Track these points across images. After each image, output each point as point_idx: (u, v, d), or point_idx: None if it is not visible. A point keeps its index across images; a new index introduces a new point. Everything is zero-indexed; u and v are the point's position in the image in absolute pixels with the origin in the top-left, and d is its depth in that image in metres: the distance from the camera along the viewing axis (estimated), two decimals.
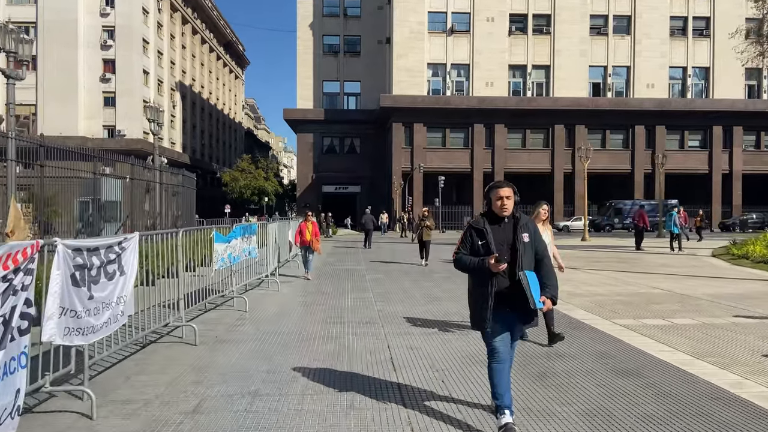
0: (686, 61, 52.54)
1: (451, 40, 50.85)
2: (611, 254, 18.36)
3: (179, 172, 21.58)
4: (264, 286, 10.70)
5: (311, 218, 12.73)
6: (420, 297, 9.60)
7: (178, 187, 21.80)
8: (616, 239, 30.73)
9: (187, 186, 23.24)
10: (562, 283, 10.24)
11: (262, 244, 11.07)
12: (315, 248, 12.51)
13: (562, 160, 50.43)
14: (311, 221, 12.62)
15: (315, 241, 12.46)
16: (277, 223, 12.16)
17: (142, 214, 21.52)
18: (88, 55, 56.80)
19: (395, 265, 15.69)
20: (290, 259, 15.32)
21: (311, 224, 12.53)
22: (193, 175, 23.52)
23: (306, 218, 12.77)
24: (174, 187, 22.18)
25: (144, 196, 21.32)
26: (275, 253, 12.21)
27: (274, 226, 11.09)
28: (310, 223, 12.51)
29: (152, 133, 21.92)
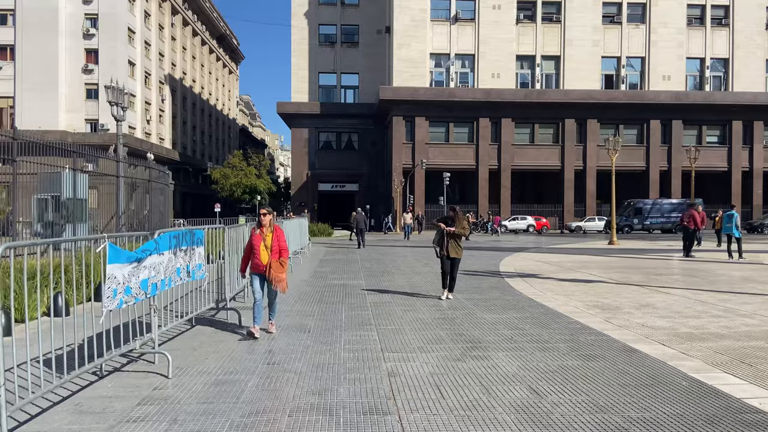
0: (704, 52, 49.59)
1: (455, 28, 47.81)
2: (660, 263, 15.29)
3: (151, 166, 18.45)
4: (220, 318, 7.58)
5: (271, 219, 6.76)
6: (447, 338, 6.50)
7: (149, 182, 18.69)
8: (646, 242, 27.69)
9: (159, 182, 20.13)
10: (645, 313, 7.37)
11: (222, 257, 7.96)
12: (275, 281, 6.56)
13: (572, 156, 47.47)
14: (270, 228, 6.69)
15: (276, 266, 6.57)
16: (244, 226, 9.02)
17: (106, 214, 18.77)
18: (70, 45, 53.56)
19: (401, 281, 12.59)
20: None
21: (272, 233, 6.67)
22: (166, 169, 20.38)
23: (260, 221, 6.70)
24: (144, 182, 19.09)
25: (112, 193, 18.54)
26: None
27: (234, 232, 7.97)
28: (270, 232, 6.66)
29: (114, 119, 18.73)
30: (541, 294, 9.57)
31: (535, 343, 6.01)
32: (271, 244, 6.64)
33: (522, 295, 9.52)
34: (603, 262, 15.38)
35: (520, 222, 43.07)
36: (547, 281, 11.27)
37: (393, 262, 16.50)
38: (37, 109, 52.08)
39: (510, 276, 12.19)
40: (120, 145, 19.05)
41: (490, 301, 8.82)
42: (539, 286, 10.52)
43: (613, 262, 15.46)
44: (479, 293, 9.56)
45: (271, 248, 6.61)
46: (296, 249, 17.55)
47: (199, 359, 5.39)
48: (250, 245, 6.76)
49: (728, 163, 48.43)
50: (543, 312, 7.92)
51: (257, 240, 6.64)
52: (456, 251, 9.09)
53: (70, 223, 17.02)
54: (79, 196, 17.42)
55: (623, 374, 4.90)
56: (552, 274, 12.52)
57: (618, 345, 5.93)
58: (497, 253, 19.55)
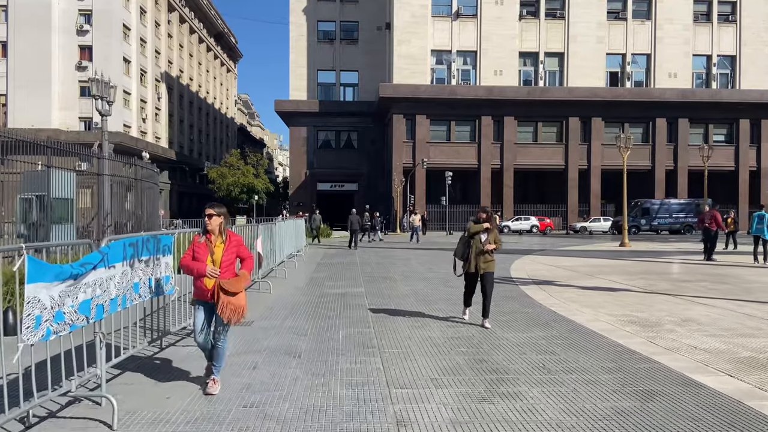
0: (711, 49, 48.56)
1: (456, 24, 46.73)
2: (683, 268, 14.23)
3: (137, 163, 17.35)
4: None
5: (222, 224, 4.67)
6: (466, 365, 5.41)
7: (135, 181, 17.60)
8: (656, 243, 26.68)
9: (147, 180, 19.03)
10: (691, 331, 6.38)
11: None
12: (226, 310, 4.48)
13: (576, 155, 46.45)
14: (221, 235, 4.65)
15: (232, 285, 4.51)
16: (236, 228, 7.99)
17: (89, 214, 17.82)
18: (63, 41, 52.44)
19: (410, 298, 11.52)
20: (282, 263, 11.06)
21: (224, 244, 4.63)
22: (154, 167, 19.29)
23: (205, 224, 4.67)
24: (131, 180, 18.01)
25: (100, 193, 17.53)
26: None
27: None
28: (222, 243, 4.64)
29: (99, 113, 17.71)
30: (564, 305, 8.50)
31: (574, 374, 4.94)
32: (220, 259, 4.51)
33: (543, 307, 8.45)
34: (620, 267, 14.32)
35: (524, 222, 42.04)
36: (566, 289, 10.20)
37: (394, 266, 15.43)
38: (29, 107, 51.01)
39: (524, 283, 11.12)
40: (105, 141, 17.99)
41: (508, 315, 7.74)
42: (559, 296, 9.45)
43: (630, 267, 14.39)
44: (495, 305, 8.48)
45: (220, 265, 4.51)
46: (292, 252, 16.49)
47: (159, 400, 4.30)
48: (190, 253, 4.57)
49: (735, 163, 47.43)
50: (572, 329, 6.85)
51: (202, 252, 4.52)
52: (488, 263, 7.14)
53: (56, 224, 16.15)
54: (65, 195, 16.50)
55: (697, 421, 3.84)
56: (569, 280, 11.45)
57: (675, 376, 4.87)
58: (505, 256, 18.44)
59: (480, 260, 7.09)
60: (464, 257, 7.21)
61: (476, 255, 7.07)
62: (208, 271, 4.46)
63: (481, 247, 7.04)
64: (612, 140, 46.93)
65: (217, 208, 4.76)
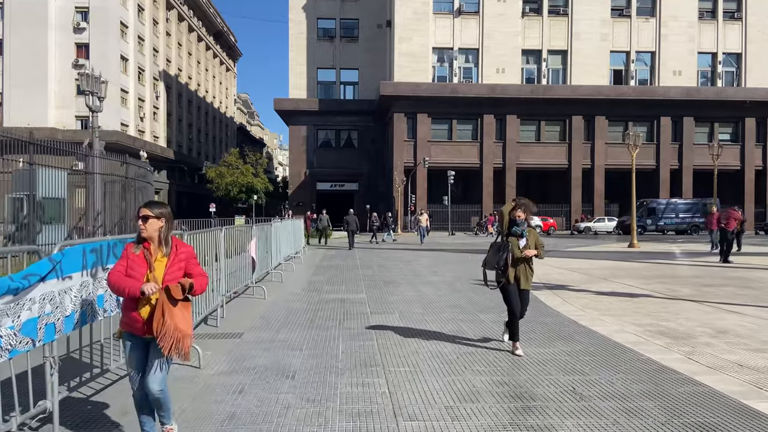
0: (716, 47, 47.90)
1: (458, 21, 46.06)
2: (700, 271, 13.55)
3: (128, 161, 16.67)
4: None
5: (162, 229, 3.36)
6: (484, 389, 4.73)
7: (126, 180, 16.93)
8: (665, 244, 26.06)
9: (140, 179, 18.36)
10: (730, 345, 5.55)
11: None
12: (167, 344, 3.22)
13: (580, 154, 45.80)
14: (164, 246, 3.37)
15: (174, 293, 3.25)
16: (221, 230, 7.27)
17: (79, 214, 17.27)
18: (60, 39, 51.75)
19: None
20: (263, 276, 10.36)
21: (168, 258, 3.35)
22: (147, 166, 18.61)
23: (142, 230, 3.33)
24: (124, 179, 17.35)
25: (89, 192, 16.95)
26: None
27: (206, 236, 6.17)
28: (164, 256, 3.36)
29: (90, 110, 17.04)
30: (583, 314, 7.81)
31: (611, 401, 4.26)
32: (162, 279, 3.28)
33: (560, 315, 7.76)
34: (634, 270, 13.64)
35: None
36: (582, 295, 9.52)
37: (396, 268, 14.76)
38: (25, 106, 50.34)
39: (536, 287, 10.40)
40: (96, 138, 17.34)
41: (525, 325, 7.03)
42: (576, 302, 8.77)
43: (644, 270, 13.71)
44: (501, 311, 7.76)
45: (167, 278, 3.28)
46: (290, 254, 15.82)
47: None
48: (120, 274, 3.25)
49: (741, 162, 46.77)
50: (597, 342, 6.17)
51: (138, 268, 3.25)
52: (528, 278, 5.80)
53: (47, 224, 15.65)
54: (56, 195, 15.96)
55: None
56: (583, 285, 10.77)
57: (729, 404, 4.19)
58: None
59: (522, 271, 5.72)
60: (500, 267, 5.69)
61: (517, 266, 5.67)
62: (146, 289, 3.14)
63: (520, 254, 5.68)
64: (615, 139, 46.50)
65: (155, 207, 3.40)
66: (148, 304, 3.24)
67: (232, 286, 8.80)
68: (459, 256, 18.72)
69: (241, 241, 9.48)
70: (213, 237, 7.23)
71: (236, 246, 9.80)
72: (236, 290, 9.26)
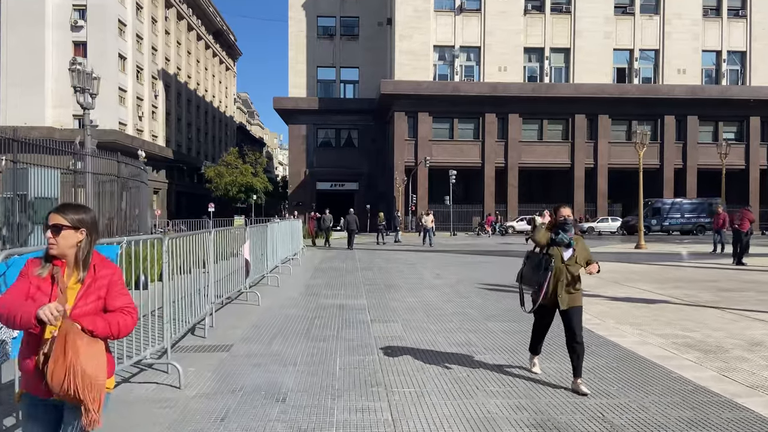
0: (720, 45, 47.34)
1: (459, 19, 45.51)
2: (715, 273, 13.00)
3: (120, 160, 16.14)
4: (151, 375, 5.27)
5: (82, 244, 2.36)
6: (501, 416, 4.19)
7: (118, 179, 16.40)
8: (672, 245, 25.51)
9: (133, 178, 17.83)
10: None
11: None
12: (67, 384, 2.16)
13: (583, 153, 45.25)
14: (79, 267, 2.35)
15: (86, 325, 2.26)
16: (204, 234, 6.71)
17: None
18: (57, 37, 51.22)
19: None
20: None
21: (84, 285, 2.34)
22: (141, 164, 18.07)
23: (51, 245, 2.32)
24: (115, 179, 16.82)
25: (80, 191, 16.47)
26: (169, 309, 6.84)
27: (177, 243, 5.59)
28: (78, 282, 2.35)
29: (81, 107, 16.50)
30: (601, 323, 7.26)
31: (651, 429, 3.71)
32: (73, 308, 2.29)
33: None
34: (646, 273, 13.10)
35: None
36: (597, 301, 8.98)
37: (398, 270, 14.22)
38: (22, 105, 49.82)
39: None
40: (87, 136, 16.81)
41: None
42: (592, 309, 8.22)
43: (657, 273, 13.17)
44: (519, 321, 7.26)
45: (72, 316, 2.26)
46: (288, 256, 15.28)
47: None
48: (17, 294, 2.27)
49: (746, 161, 46.20)
50: (620, 357, 5.63)
51: (40, 297, 2.26)
52: (574, 294, 4.79)
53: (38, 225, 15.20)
54: (48, 194, 15.49)
55: None
56: (596, 289, 10.23)
57: None
58: (517, 260, 17.25)
59: (564, 288, 4.67)
60: (538, 283, 4.68)
61: (559, 281, 4.65)
62: (44, 314, 2.09)
63: (574, 272, 4.73)
64: (619, 138, 45.97)
65: (71, 212, 2.42)
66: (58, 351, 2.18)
67: (225, 292, 8.26)
68: (462, 258, 18.18)
69: (234, 244, 8.94)
70: (200, 240, 6.69)
71: (230, 248, 9.27)
72: (229, 296, 8.72)
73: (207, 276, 6.78)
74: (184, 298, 5.88)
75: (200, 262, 6.80)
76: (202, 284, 6.61)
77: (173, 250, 5.47)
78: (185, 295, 5.88)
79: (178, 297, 5.64)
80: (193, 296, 6.23)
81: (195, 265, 6.54)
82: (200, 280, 6.50)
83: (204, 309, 6.63)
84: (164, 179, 63.59)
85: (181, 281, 5.77)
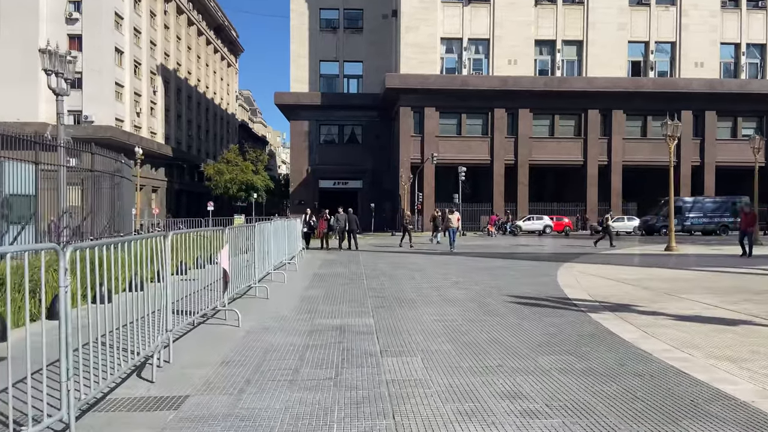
0: (740, 37, 45.54)
1: (468, 10, 43.76)
2: None
3: (95, 152, 14.41)
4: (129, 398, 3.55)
5: None
6: None
7: (91, 173, 14.70)
8: (699, 246, 23.69)
9: (115, 173, 16.11)
10: None
11: None
12: None
13: (596, 150, 43.49)
14: None
15: None
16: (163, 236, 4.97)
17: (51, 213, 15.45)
18: (51, 30, 49.48)
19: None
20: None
21: None
22: (122, 158, 16.34)
23: None
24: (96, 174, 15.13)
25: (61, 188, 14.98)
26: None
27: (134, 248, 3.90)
28: None
29: (55, 93, 14.78)
30: (689, 357, 5.44)
31: None
32: None
33: (654, 360, 5.39)
34: (697, 281, 11.28)
35: (536, 222, 39.01)
36: (660, 321, 7.17)
37: (409, 277, 12.45)
38: (15, 100, 48.29)
39: (592, 308, 8.10)
40: (61, 126, 15.08)
41: (615, 381, 4.71)
42: (665, 334, 6.41)
43: (709, 281, 11.35)
44: (570, 351, 5.49)
45: None
46: (284, 260, 13.54)
47: None
48: None
49: (765, 158, 44.27)
50: (753, 423, 3.83)
51: None
52: None
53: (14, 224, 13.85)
54: (23, 191, 14.08)
55: None
56: (652, 304, 8.43)
57: None
58: (539, 264, 15.46)
59: None
60: None
61: None
62: None
63: None
64: (633, 134, 44.06)
65: None
66: None
67: (197, 311, 6.50)
68: (478, 262, 16.38)
69: (208, 249, 7.18)
70: (153, 246, 4.93)
71: (204, 255, 7.51)
72: (205, 313, 6.97)
73: (162, 294, 5.01)
74: (125, 327, 4.13)
75: (155, 274, 5.07)
76: (153, 307, 4.85)
77: (89, 262, 3.71)
78: (124, 324, 4.13)
79: (113, 326, 3.89)
80: (138, 323, 4.48)
81: (149, 279, 4.79)
82: (149, 301, 4.75)
83: (155, 341, 4.86)
84: (163, 177, 61.98)
85: (118, 304, 4.02)
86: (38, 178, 12.42)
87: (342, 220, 22.25)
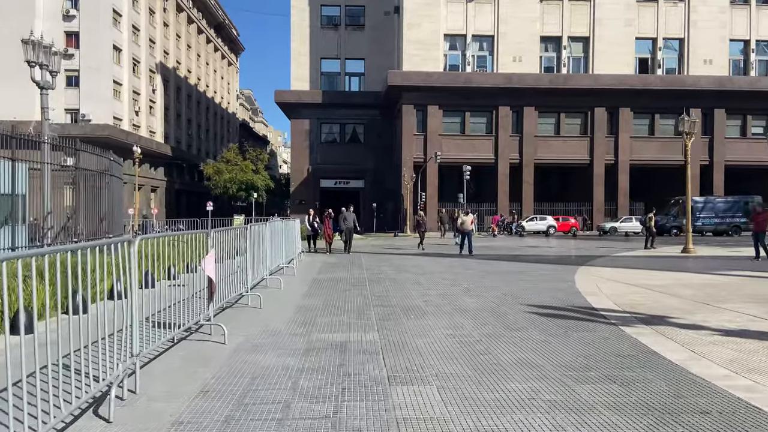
0: (749, 34, 44.67)
1: (472, 6, 42.93)
2: None
3: (80, 149, 13.58)
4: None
5: None
6: None
7: (76, 171, 13.87)
8: (713, 247, 22.82)
9: (104, 172, 15.27)
10: None
11: None
12: None
13: (602, 148, 42.62)
14: None
15: None
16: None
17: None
18: (48, 27, 48.46)
19: None
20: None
21: None
22: (110, 155, 15.49)
23: None
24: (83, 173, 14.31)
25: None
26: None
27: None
28: None
29: (39, 86, 13.94)
30: (751, 386, 4.57)
31: None
32: None
33: (711, 387, 4.54)
34: (729, 287, 10.39)
35: (539, 223, 38.14)
36: (704, 336, 6.30)
37: (414, 283, 11.58)
38: (11, 99, 47.50)
39: (623, 320, 7.23)
40: (45, 122, 14.25)
41: (667, 417, 3.86)
42: (710, 352, 5.55)
43: (746, 287, 10.46)
44: (612, 377, 4.65)
45: None
46: (281, 263, 12.69)
47: None
48: None
49: None
50: None
51: None
52: None
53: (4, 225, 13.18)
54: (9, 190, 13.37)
55: None
56: (689, 315, 7.56)
57: None
58: (553, 268, 14.58)
59: None
60: None
61: None
62: None
63: None
64: (640, 133, 43.15)
65: None
66: None
67: (172, 330, 5.65)
68: (488, 266, 15.52)
69: (191, 254, 6.33)
70: (119, 253, 4.08)
71: (188, 259, 6.67)
72: (189, 327, 6.12)
73: (126, 312, 4.16)
74: (66, 358, 3.28)
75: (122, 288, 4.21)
76: (111, 328, 4.00)
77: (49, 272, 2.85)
78: (65, 354, 3.28)
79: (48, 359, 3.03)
80: (84, 351, 3.64)
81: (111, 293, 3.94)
82: (105, 322, 3.90)
83: (115, 370, 4.00)
84: (162, 177, 61.20)
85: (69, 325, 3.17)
86: (15, 176, 11.54)
87: (350, 220, 21.16)
